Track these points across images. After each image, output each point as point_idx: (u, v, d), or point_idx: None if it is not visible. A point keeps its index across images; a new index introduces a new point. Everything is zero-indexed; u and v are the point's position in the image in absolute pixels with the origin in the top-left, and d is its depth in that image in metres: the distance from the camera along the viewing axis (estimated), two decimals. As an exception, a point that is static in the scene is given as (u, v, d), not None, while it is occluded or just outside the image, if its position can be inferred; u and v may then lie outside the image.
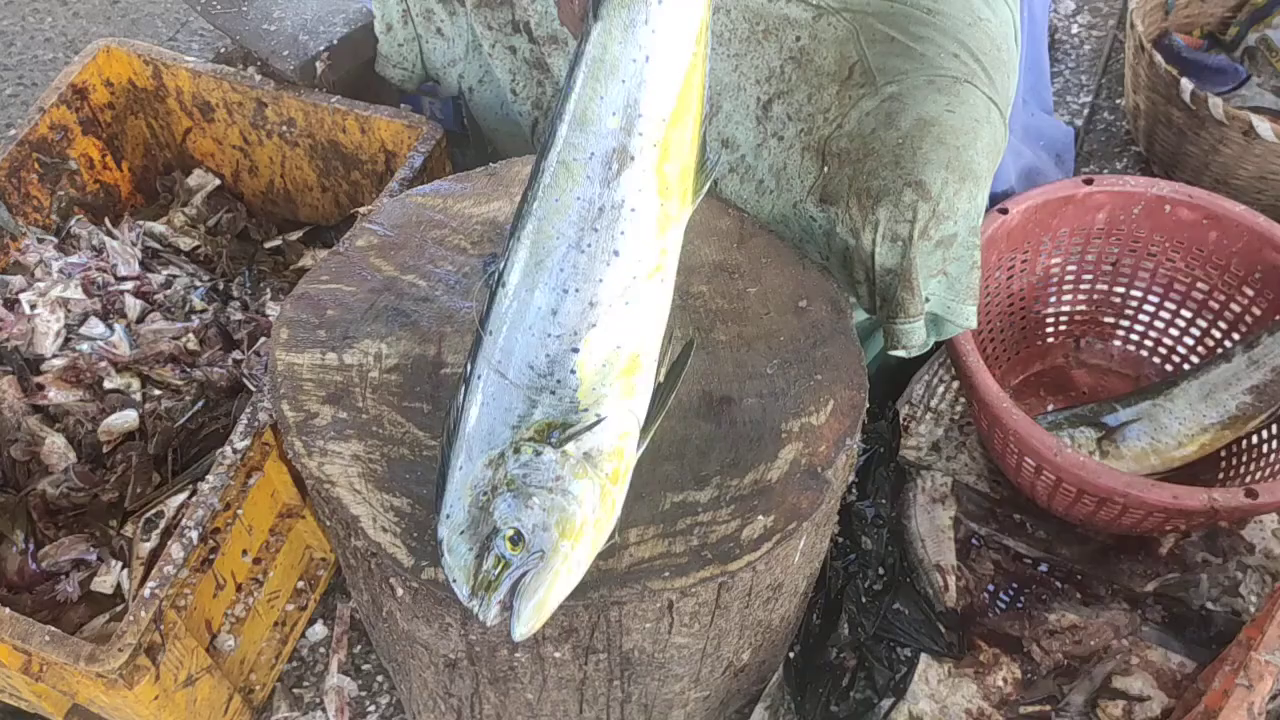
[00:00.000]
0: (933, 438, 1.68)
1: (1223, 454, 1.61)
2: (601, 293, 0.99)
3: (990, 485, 1.63)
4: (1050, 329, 1.78)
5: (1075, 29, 2.39)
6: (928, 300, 1.34)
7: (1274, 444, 1.57)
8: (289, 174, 1.76)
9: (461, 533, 0.98)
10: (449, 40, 1.63)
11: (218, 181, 1.80)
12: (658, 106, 0.98)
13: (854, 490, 1.54)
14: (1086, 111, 2.20)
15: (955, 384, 1.73)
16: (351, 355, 1.20)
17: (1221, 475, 1.61)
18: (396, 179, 1.50)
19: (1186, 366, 1.73)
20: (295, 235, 1.78)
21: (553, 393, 0.99)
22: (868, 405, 1.19)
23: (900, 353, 1.36)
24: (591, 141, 0.99)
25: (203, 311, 1.58)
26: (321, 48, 1.64)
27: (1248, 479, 1.57)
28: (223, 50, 1.78)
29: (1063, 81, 2.26)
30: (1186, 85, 1.86)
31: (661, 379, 1.06)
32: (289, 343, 1.21)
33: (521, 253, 1.01)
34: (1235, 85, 2.13)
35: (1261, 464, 1.56)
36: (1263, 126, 1.79)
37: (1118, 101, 2.23)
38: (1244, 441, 1.60)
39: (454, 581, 0.98)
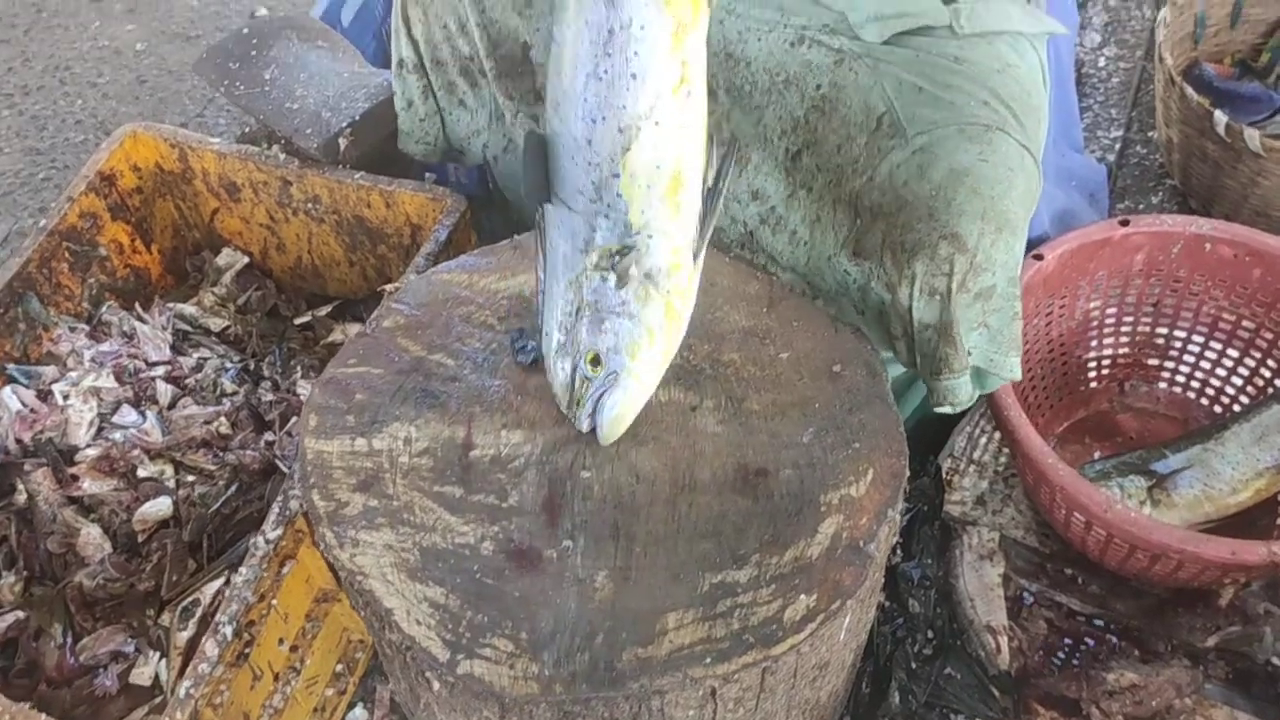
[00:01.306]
0: (977, 491, 1.64)
1: (1279, 498, 1.56)
2: (627, 117, 0.98)
3: (1039, 539, 1.58)
4: (1093, 374, 1.74)
5: (1102, 62, 2.36)
6: (970, 354, 1.31)
7: (1333, 486, 1.52)
8: (316, 250, 1.76)
9: (555, 352, 1.09)
10: (472, 111, 1.63)
11: (246, 259, 1.81)
12: None
13: (898, 551, 1.50)
14: (1119, 146, 2.17)
15: (998, 434, 1.69)
16: (381, 440, 1.18)
17: (1280, 521, 1.57)
18: (422, 254, 1.50)
19: (1236, 407, 1.68)
20: (324, 310, 1.78)
21: (606, 216, 1.02)
22: (908, 465, 1.16)
23: (946, 409, 1.33)
24: None
25: (234, 394, 1.58)
26: (344, 124, 1.65)
27: (1307, 524, 1.52)
28: (247, 130, 1.80)
29: (1092, 116, 2.23)
30: (1220, 118, 1.82)
31: (710, 183, 1.05)
32: (318, 429, 1.19)
33: (552, 84, 1.01)
34: (1271, 113, 2.08)
35: (1321, 508, 1.52)
36: (1302, 157, 1.76)
37: (1150, 134, 2.19)
38: (1301, 484, 1.55)
39: (555, 395, 1.13)
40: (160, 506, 1.45)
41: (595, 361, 1.07)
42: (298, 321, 1.78)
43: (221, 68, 1.73)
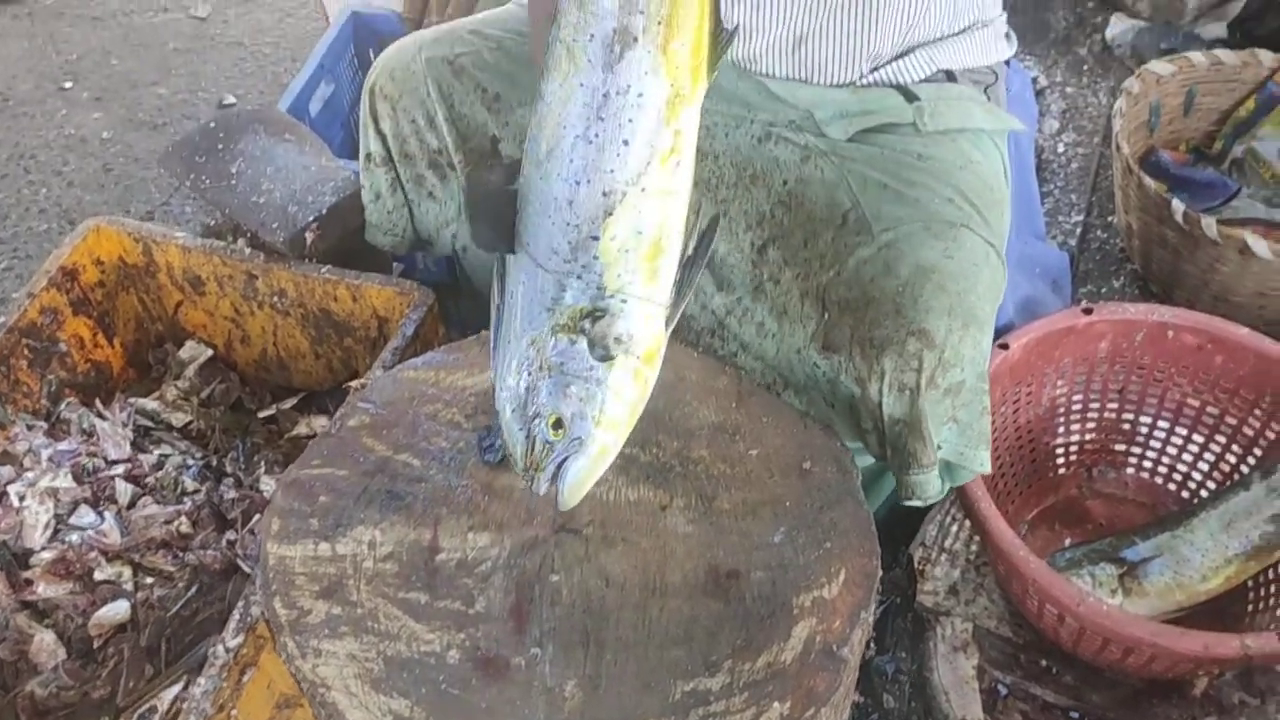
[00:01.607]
0: (949, 580, 1.63)
1: (1250, 584, 1.56)
2: (614, 182, 0.96)
3: (1012, 629, 1.57)
4: (1061, 460, 1.75)
5: (1061, 148, 2.41)
6: (940, 448, 1.31)
7: (1303, 573, 1.52)
8: (281, 342, 1.75)
9: (514, 411, 1.05)
10: (441, 203, 1.63)
11: (210, 352, 1.79)
12: None
13: (871, 645, 1.48)
14: (1080, 231, 2.20)
15: (969, 522, 1.69)
16: (344, 544, 1.16)
17: (1251, 608, 1.56)
18: (389, 349, 1.49)
19: (1204, 493, 1.68)
20: (289, 403, 1.76)
21: (579, 277, 0.99)
22: (880, 561, 1.15)
23: (916, 503, 1.33)
24: (591, 22, 0.93)
25: (195, 492, 1.55)
26: (311, 218, 1.64)
27: (1278, 612, 1.52)
28: (213, 222, 1.79)
29: (1053, 202, 2.27)
30: (1178, 206, 1.85)
31: (690, 251, 1.04)
32: (280, 534, 1.17)
33: (535, 139, 0.99)
34: (1227, 198, 2.13)
35: (1292, 595, 1.52)
36: (1259, 245, 1.79)
37: (1110, 218, 2.23)
38: (1271, 571, 1.55)
39: (511, 456, 1.07)
40: (118, 610, 1.41)
41: (558, 425, 1.03)
42: (262, 415, 1.75)
43: (187, 161, 1.72)
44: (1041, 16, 2.76)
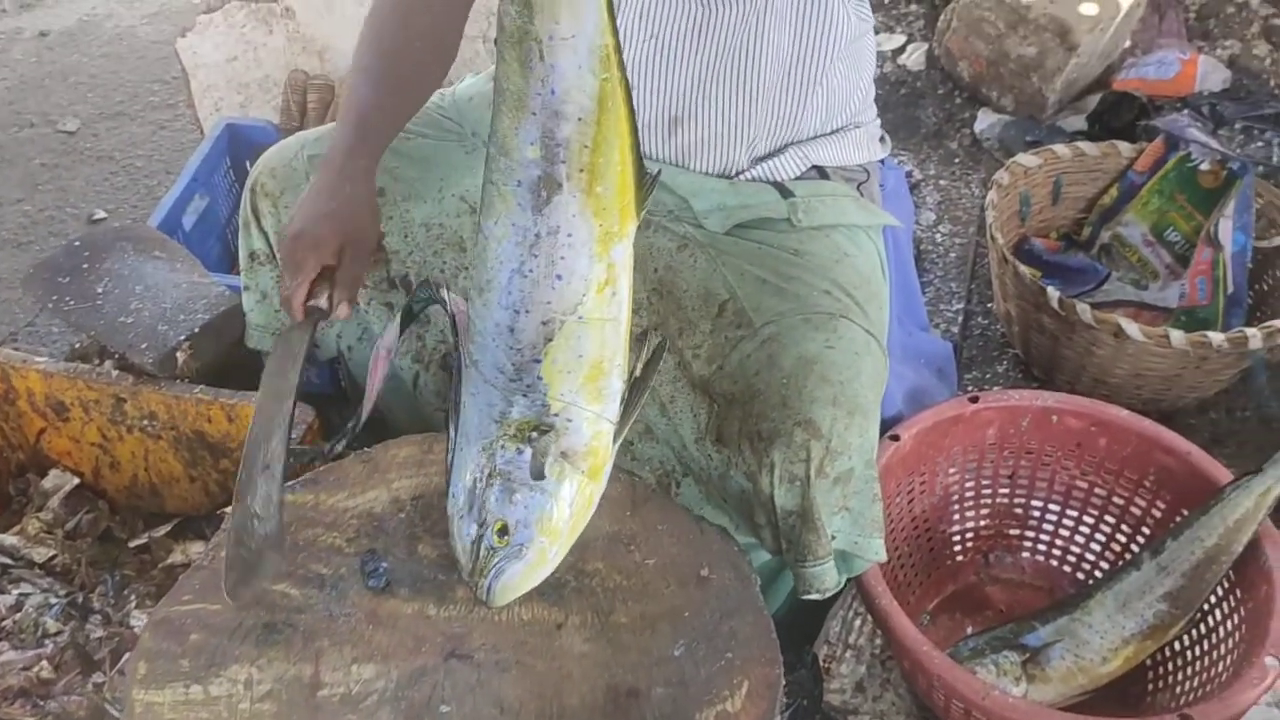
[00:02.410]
0: (856, 677, 1.61)
1: (1149, 663, 1.57)
2: (552, 312, 1.00)
3: (922, 725, 1.55)
4: (958, 547, 1.75)
5: (939, 238, 2.47)
6: (834, 538, 1.30)
7: (1197, 650, 1.53)
8: (153, 467, 1.67)
9: (462, 517, 1.08)
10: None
11: (76, 481, 1.70)
12: (576, 135, 0.95)
13: (781, 753, 1.44)
14: (961, 319, 2.25)
15: (871, 616, 1.67)
16: (218, 685, 1.09)
17: (1150, 687, 1.57)
18: (266, 471, 1.42)
19: (1098, 573, 1.70)
20: (162, 530, 1.67)
21: (525, 395, 1.03)
22: (783, 672, 1.12)
23: (814, 596, 1.32)
24: (517, 170, 0.97)
25: (58, 633, 1.45)
26: (182, 337, 1.58)
27: (1177, 689, 1.53)
28: (78, 344, 1.71)
29: (934, 291, 2.31)
30: (1053, 293, 1.90)
31: (638, 373, 1.10)
32: (148, 679, 1.09)
33: (477, 268, 1.04)
34: (1098, 283, 2.20)
35: (1189, 673, 1.52)
36: (1131, 328, 1.84)
37: (989, 305, 2.28)
38: (1167, 649, 1.56)
39: (457, 559, 1.10)
40: (-30, 770, 1.30)
41: (503, 532, 1.06)
42: (134, 544, 1.66)
43: (50, 283, 1.65)
44: (912, 113, 2.85)
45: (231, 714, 1.06)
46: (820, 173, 1.50)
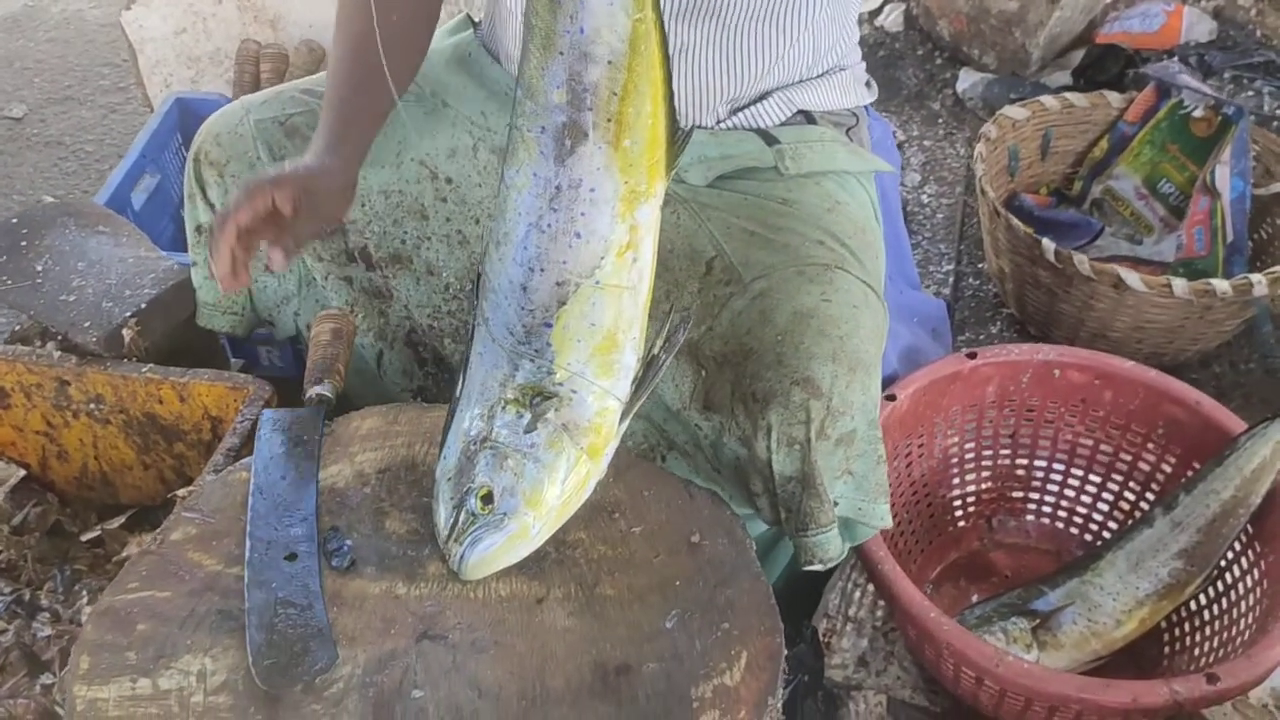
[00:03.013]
0: (858, 651, 1.53)
1: (1164, 625, 1.50)
2: (567, 273, 0.96)
3: (928, 697, 1.47)
4: (960, 512, 1.67)
5: (925, 199, 2.40)
6: (836, 504, 1.22)
7: (1216, 609, 1.46)
8: (104, 454, 1.57)
9: (448, 480, 1.04)
10: (279, 277, 1.51)
11: (23, 473, 1.59)
12: (605, 79, 0.90)
13: (782, 732, 1.36)
14: (952, 280, 2.17)
15: (872, 586, 1.59)
16: (169, 678, 0.99)
17: (1167, 650, 1.49)
18: (221, 451, 1.33)
19: (1106, 534, 1.63)
20: (116, 522, 1.57)
21: (531, 360, 0.99)
22: (784, 639, 1.03)
23: (817, 567, 1.24)
24: (542, 114, 0.92)
25: (2, 633, 1.35)
26: (128, 314, 1.48)
27: (1195, 651, 1.46)
28: (18, 328, 1.61)
29: (923, 253, 2.24)
30: (1049, 245, 1.83)
31: (656, 350, 1.04)
32: (90, 674, 1.00)
33: (496, 220, 0.99)
34: (1091, 238, 2.13)
35: (1208, 633, 1.45)
36: (1131, 277, 1.77)
37: (980, 265, 2.21)
38: (1184, 609, 1.49)
39: (436, 524, 1.05)
40: (-93, 783, 1.20)
41: (487, 498, 1.01)
42: (85, 538, 1.56)
43: (-16, 262, 1.55)
44: (892, 75, 2.77)
45: (183, 708, 0.97)
46: (807, 117, 1.42)
